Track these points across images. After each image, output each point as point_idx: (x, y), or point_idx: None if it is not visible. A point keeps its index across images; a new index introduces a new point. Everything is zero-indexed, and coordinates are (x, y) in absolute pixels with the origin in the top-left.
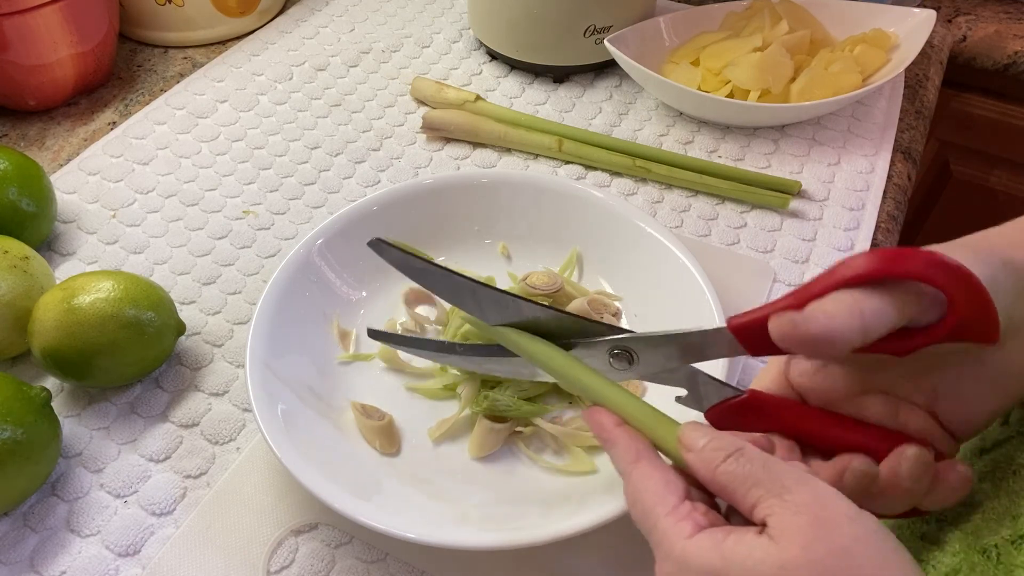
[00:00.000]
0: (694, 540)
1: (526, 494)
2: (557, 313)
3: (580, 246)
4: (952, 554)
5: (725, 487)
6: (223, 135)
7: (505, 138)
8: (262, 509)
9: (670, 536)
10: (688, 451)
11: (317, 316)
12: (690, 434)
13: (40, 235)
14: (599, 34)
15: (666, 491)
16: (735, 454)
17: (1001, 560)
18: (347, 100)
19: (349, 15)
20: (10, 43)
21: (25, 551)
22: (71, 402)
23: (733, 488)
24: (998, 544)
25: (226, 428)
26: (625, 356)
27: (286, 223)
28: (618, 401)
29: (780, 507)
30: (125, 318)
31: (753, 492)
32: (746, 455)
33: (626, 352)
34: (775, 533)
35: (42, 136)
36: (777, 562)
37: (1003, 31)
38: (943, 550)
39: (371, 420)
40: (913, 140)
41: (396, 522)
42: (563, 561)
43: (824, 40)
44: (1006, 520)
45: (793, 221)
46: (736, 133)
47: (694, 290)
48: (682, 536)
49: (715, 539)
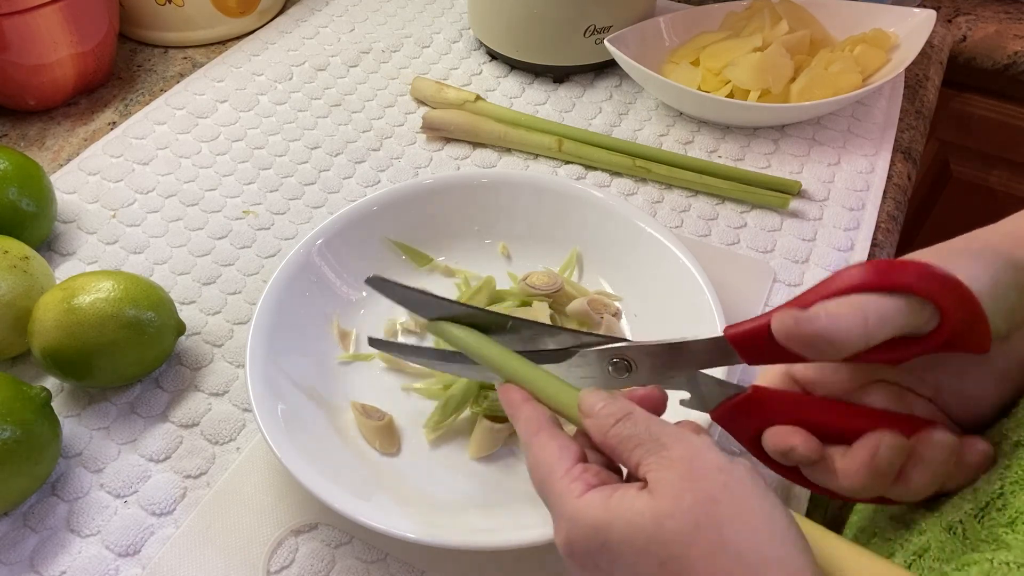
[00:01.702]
0: (584, 498)
1: (526, 494)
2: (558, 330)
3: (580, 246)
4: (919, 532)
5: (615, 448)
6: (223, 135)
7: (505, 138)
8: (262, 509)
9: (564, 496)
10: (586, 417)
11: (317, 316)
12: (587, 399)
13: (40, 235)
14: (599, 34)
15: (561, 455)
16: (624, 418)
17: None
18: (347, 100)
19: (349, 15)
20: (10, 43)
21: (25, 551)
22: (71, 402)
23: (621, 449)
24: (963, 520)
25: (226, 428)
26: (623, 365)
27: (286, 223)
28: (527, 376)
29: (657, 463)
30: (125, 318)
31: (636, 452)
32: (633, 418)
33: (624, 361)
34: (653, 487)
35: (42, 136)
36: (652, 513)
37: (1003, 31)
38: (910, 529)
39: (371, 420)
40: (913, 140)
41: (396, 522)
42: (563, 561)
43: (824, 40)
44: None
45: (793, 221)
46: (736, 133)
47: (694, 290)
48: (573, 495)
49: (603, 495)
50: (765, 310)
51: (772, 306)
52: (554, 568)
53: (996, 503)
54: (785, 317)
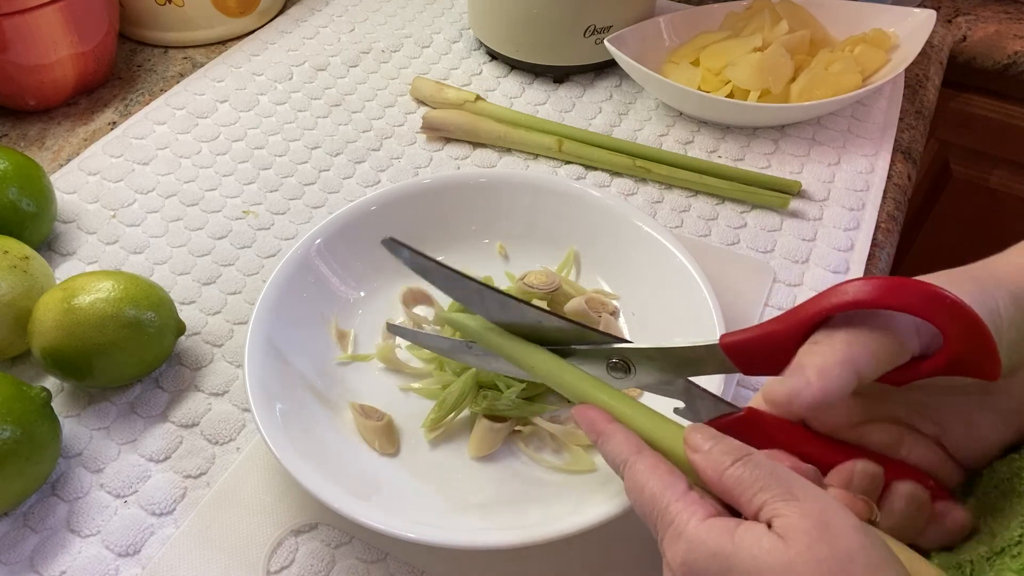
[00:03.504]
0: (708, 523)
1: (526, 493)
2: (559, 319)
3: (578, 245)
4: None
5: (731, 489)
6: (223, 135)
7: (505, 138)
8: (262, 509)
9: (683, 516)
10: (695, 452)
11: (315, 316)
12: (695, 436)
13: (40, 235)
14: (599, 34)
15: (674, 479)
16: (744, 459)
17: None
18: (347, 100)
19: (349, 15)
20: (10, 43)
21: (25, 551)
22: (71, 402)
23: (740, 491)
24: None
25: (226, 428)
26: (622, 366)
27: (286, 223)
28: (612, 401)
29: (787, 509)
30: (125, 318)
31: (760, 496)
32: (754, 460)
33: (623, 362)
34: (784, 533)
35: (42, 136)
36: (782, 556)
37: (1003, 31)
38: None
39: (370, 420)
40: (913, 140)
41: (396, 522)
42: (563, 561)
43: (824, 40)
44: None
45: (793, 221)
46: (736, 133)
47: (692, 289)
48: (696, 517)
49: (727, 525)
50: (765, 310)
51: (772, 306)
52: (554, 568)
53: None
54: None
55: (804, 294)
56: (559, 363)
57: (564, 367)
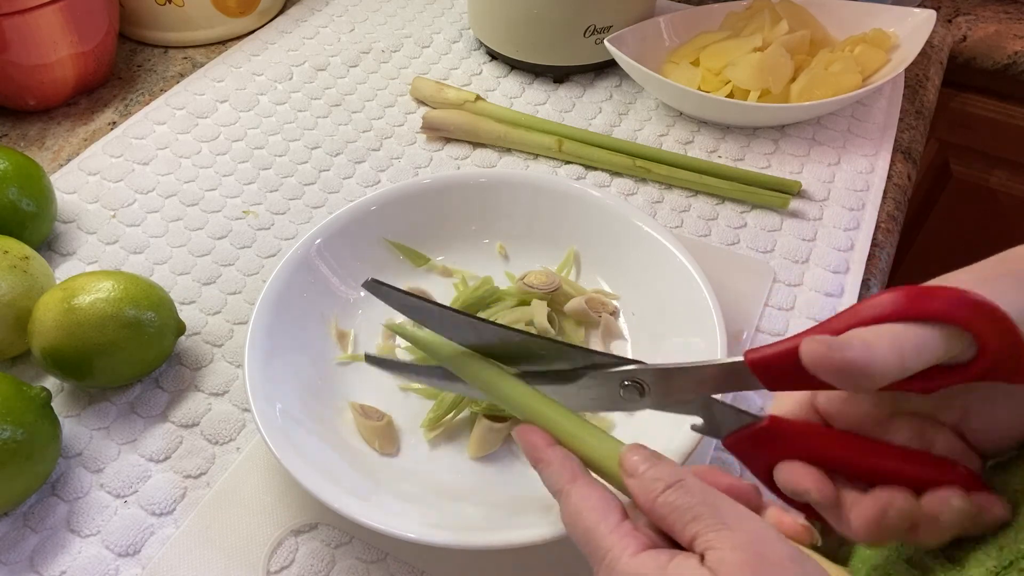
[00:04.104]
0: (639, 557)
1: (525, 494)
2: (564, 346)
3: (578, 245)
4: None
5: (665, 517)
6: (223, 135)
7: (505, 138)
8: (262, 509)
9: (615, 552)
10: (630, 476)
11: (315, 316)
12: (631, 459)
13: (40, 235)
14: (599, 34)
15: (607, 509)
16: (675, 485)
17: None
18: (347, 100)
19: (349, 15)
20: (10, 43)
21: (25, 551)
22: (71, 402)
23: (673, 519)
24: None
25: (226, 428)
26: (636, 387)
27: (286, 223)
28: (554, 419)
29: (719, 542)
30: (125, 318)
31: (692, 526)
32: (686, 487)
33: (637, 384)
34: (715, 567)
35: (42, 136)
36: None
37: (1003, 31)
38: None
39: (370, 421)
40: (913, 140)
41: (396, 522)
42: (563, 561)
43: (824, 40)
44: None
45: (793, 221)
46: (736, 133)
47: (692, 289)
48: (627, 552)
49: (659, 560)
50: (765, 310)
51: (772, 306)
52: (554, 568)
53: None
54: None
55: (804, 294)
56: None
57: (509, 382)
